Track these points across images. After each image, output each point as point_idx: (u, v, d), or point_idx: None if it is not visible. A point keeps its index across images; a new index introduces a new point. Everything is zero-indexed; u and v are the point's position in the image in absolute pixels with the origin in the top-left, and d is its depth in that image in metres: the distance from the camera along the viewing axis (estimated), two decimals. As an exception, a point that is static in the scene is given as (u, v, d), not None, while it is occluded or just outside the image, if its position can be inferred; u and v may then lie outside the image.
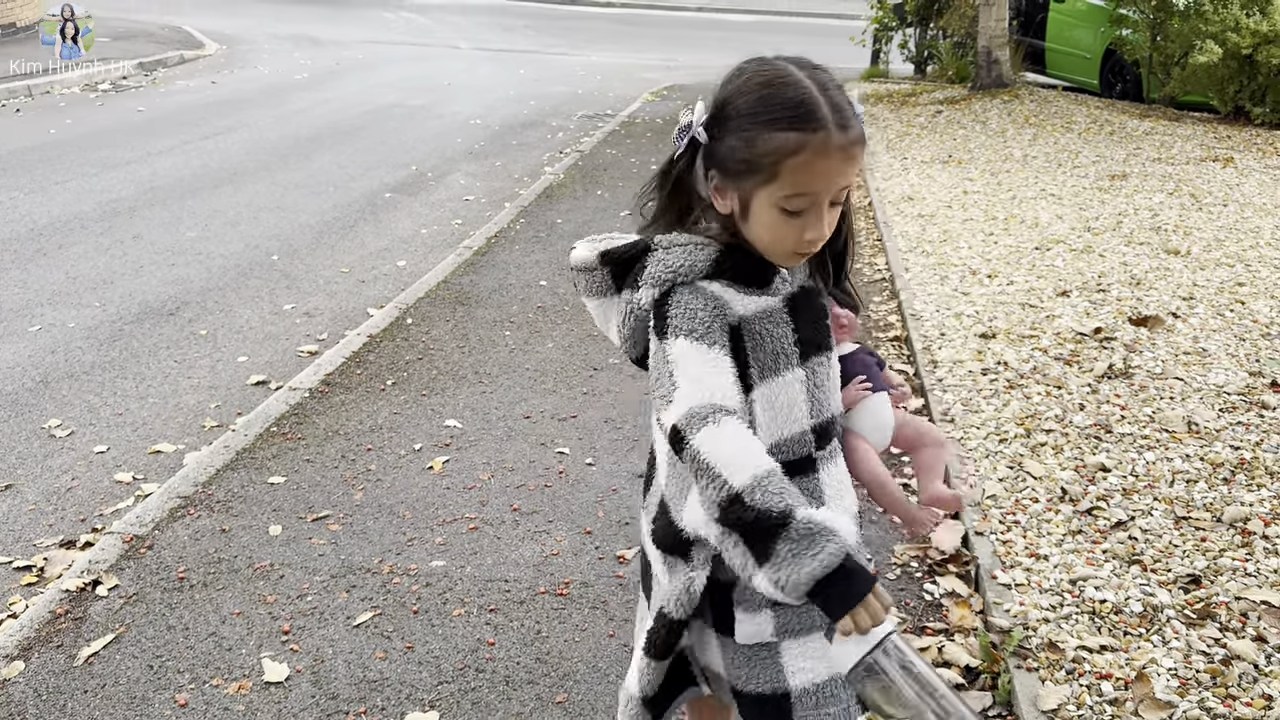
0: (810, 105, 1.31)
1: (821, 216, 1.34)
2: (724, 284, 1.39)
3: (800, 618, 1.44)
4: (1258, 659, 2.45)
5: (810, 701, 1.44)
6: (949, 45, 13.38)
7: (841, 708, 1.45)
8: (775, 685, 1.45)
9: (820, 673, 1.44)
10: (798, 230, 1.34)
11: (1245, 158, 7.78)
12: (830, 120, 1.30)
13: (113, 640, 2.62)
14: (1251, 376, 3.93)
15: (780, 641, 1.45)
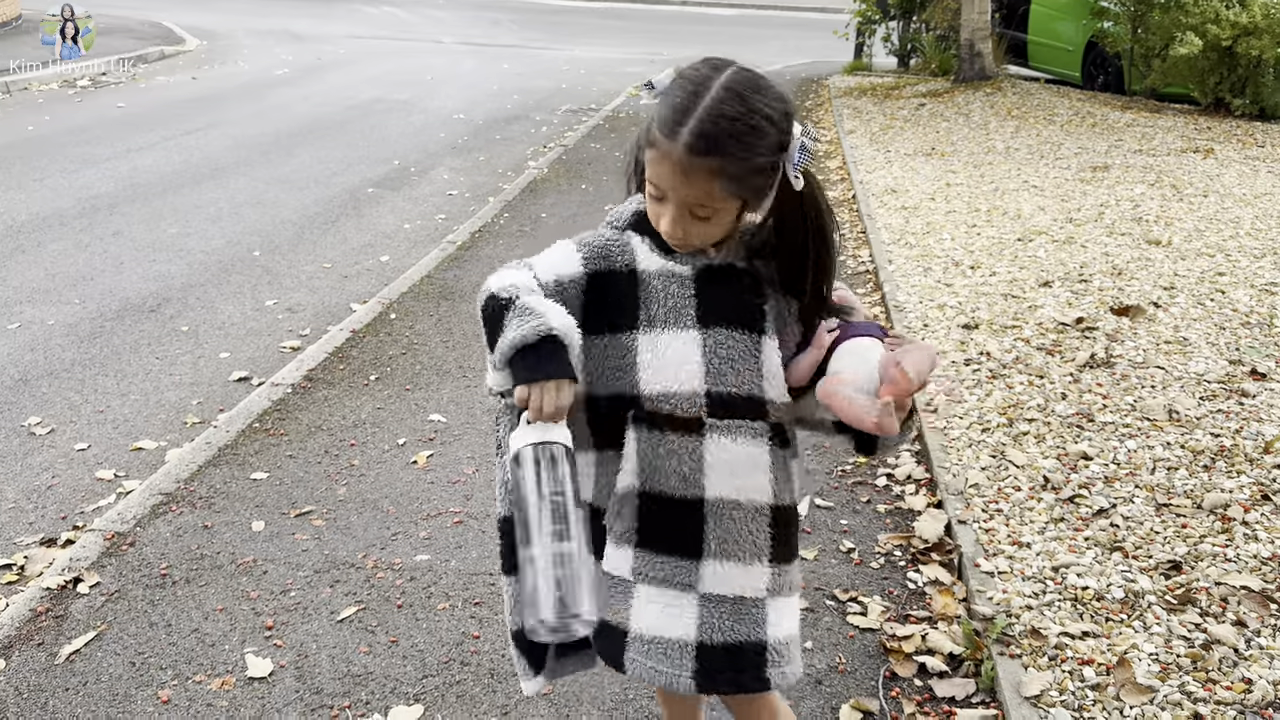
0: (677, 109, 1.37)
1: (673, 217, 1.41)
2: (643, 239, 1.52)
3: (658, 568, 1.51)
4: (1238, 643, 2.47)
5: (642, 649, 1.53)
6: (932, 38, 13.41)
7: (671, 672, 1.51)
8: (620, 619, 1.54)
9: (663, 629, 1.51)
10: (659, 212, 1.44)
11: (1225, 149, 7.83)
12: (680, 131, 1.36)
13: (94, 638, 2.60)
14: (1231, 365, 3.96)
15: (635, 583, 1.53)
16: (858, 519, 3.19)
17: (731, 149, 1.36)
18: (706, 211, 1.40)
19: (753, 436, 1.50)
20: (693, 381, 1.48)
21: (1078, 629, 2.54)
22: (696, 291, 1.49)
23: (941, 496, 3.22)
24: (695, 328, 1.48)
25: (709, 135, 1.35)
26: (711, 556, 1.50)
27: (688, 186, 1.38)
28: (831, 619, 2.71)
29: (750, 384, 1.50)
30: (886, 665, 2.53)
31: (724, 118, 1.36)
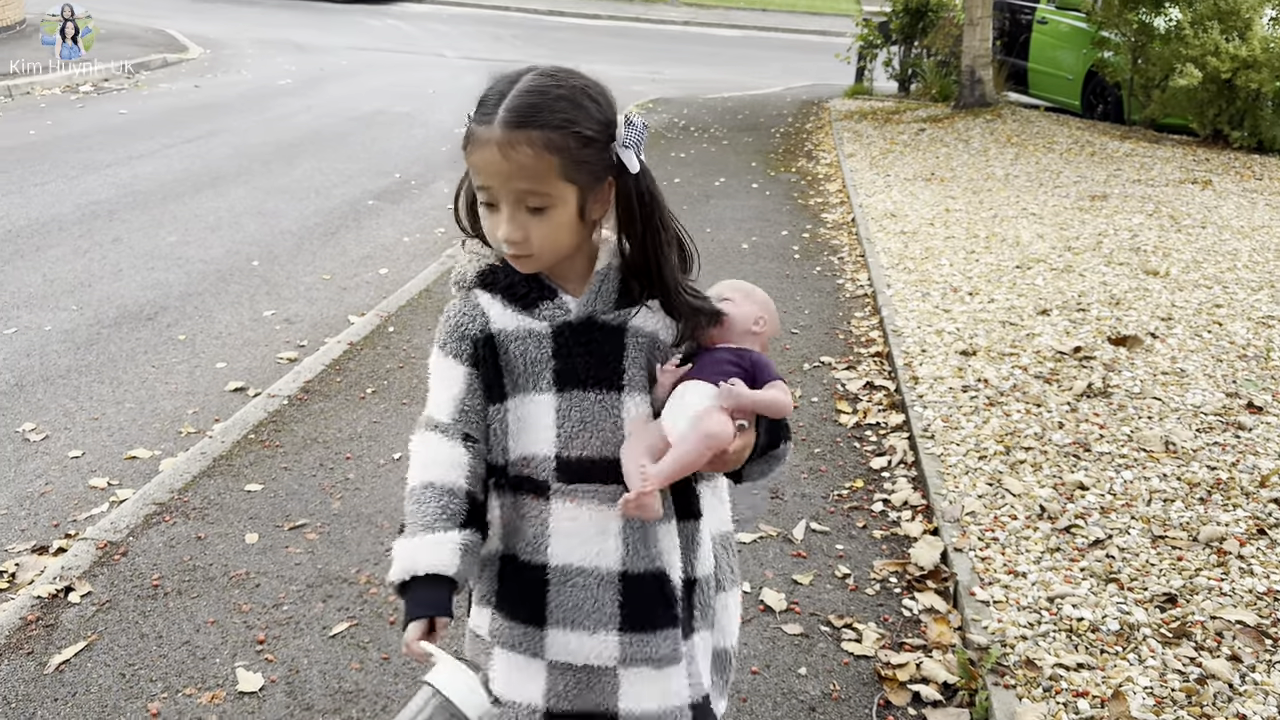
0: (492, 98, 1.35)
1: (509, 216, 1.36)
2: (495, 296, 1.44)
3: (508, 633, 1.49)
4: (1232, 678, 2.47)
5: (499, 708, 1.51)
6: (933, 64, 13.49)
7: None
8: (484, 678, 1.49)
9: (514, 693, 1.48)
10: (493, 225, 1.38)
11: (1224, 180, 7.87)
12: (494, 114, 1.33)
13: (84, 648, 2.58)
14: (1228, 397, 3.97)
15: (493, 645, 1.51)
16: (853, 544, 3.18)
17: (549, 118, 1.32)
18: (540, 200, 1.34)
19: (600, 501, 1.43)
20: (545, 446, 1.43)
21: (1073, 660, 2.54)
22: (554, 352, 1.42)
23: (938, 523, 3.22)
24: (550, 391, 1.43)
25: (523, 107, 1.32)
26: (553, 624, 1.46)
27: (513, 167, 1.32)
28: (826, 645, 2.70)
29: (607, 446, 1.43)
30: (880, 693, 2.52)
31: (536, 90, 1.34)
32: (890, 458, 3.72)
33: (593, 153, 1.35)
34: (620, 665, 1.46)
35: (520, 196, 1.34)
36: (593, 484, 1.43)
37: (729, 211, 7.32)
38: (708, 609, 1.53)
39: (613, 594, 1.44)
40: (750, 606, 2.84)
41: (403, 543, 1.39)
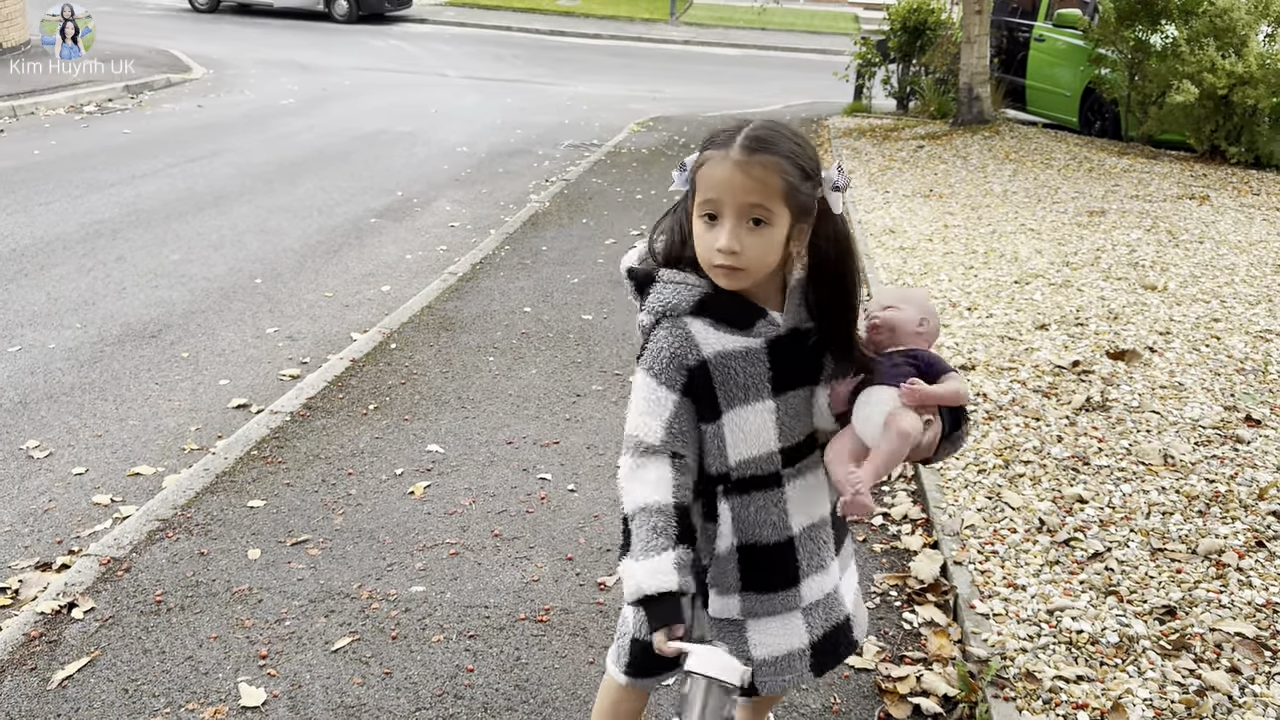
0: (734, 130, 1.56)
1: (730, 229, 1.52)
2: (706, 322, 1.60)
3: (764, 604, 1.72)
4: (1232, 690, 2.47)
5: (770, 669, 1.74)
6: (931, 81, 13.56)
7: (794, 677, 1.76)
8: (739, 652, 1.73)
9: (779, 647, 1.74)
10: (713, 238, 1.54)
11: (1221, 196, 7.90)
12: (733, 141, 1.54)
13: (87, 664, 2.59)
14: (1226, 411, 3.98)
15: (745, 620, 1.73)
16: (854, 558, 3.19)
17: (783, 148, 1.53)
18: (763, 214, 1.52)
19: (813, 468, 1.70)
20: (769, 444, 1.65)
21: (1072, 673, 2.55)
22: (771, 365, 1.62)
23: (938, 537, 3.23)
24: (770, 397, 1.63)
25: (761, 138, 1.53)
26: (805, 577, 1.73)
27: (749, 183, 1.50)
28: (826, 658, 2.70)
29: (808, 426, 1.68)
30: (881, 706, 2.52)
31: (769, 128, 1.55)
32: (890, 472, 3.73)
33: (809, 187, 1.55)
34: (840, 581, 1.80)
35: (746, 210, 1.52)
36: (807, 458, 1.69)
37: (729, 228, 7.35)
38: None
39: (828, 530, 1.75)
40: (751, 620, 2.85)
41: (629, 565, 1.59)
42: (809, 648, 1.75)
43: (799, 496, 1.70)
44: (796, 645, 1.75)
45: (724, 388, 1.61)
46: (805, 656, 1.75)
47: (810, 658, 1.76)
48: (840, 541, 1.81)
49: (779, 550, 1.70)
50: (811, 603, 1.75)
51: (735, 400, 1.61)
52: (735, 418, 1.62)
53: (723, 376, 1.60)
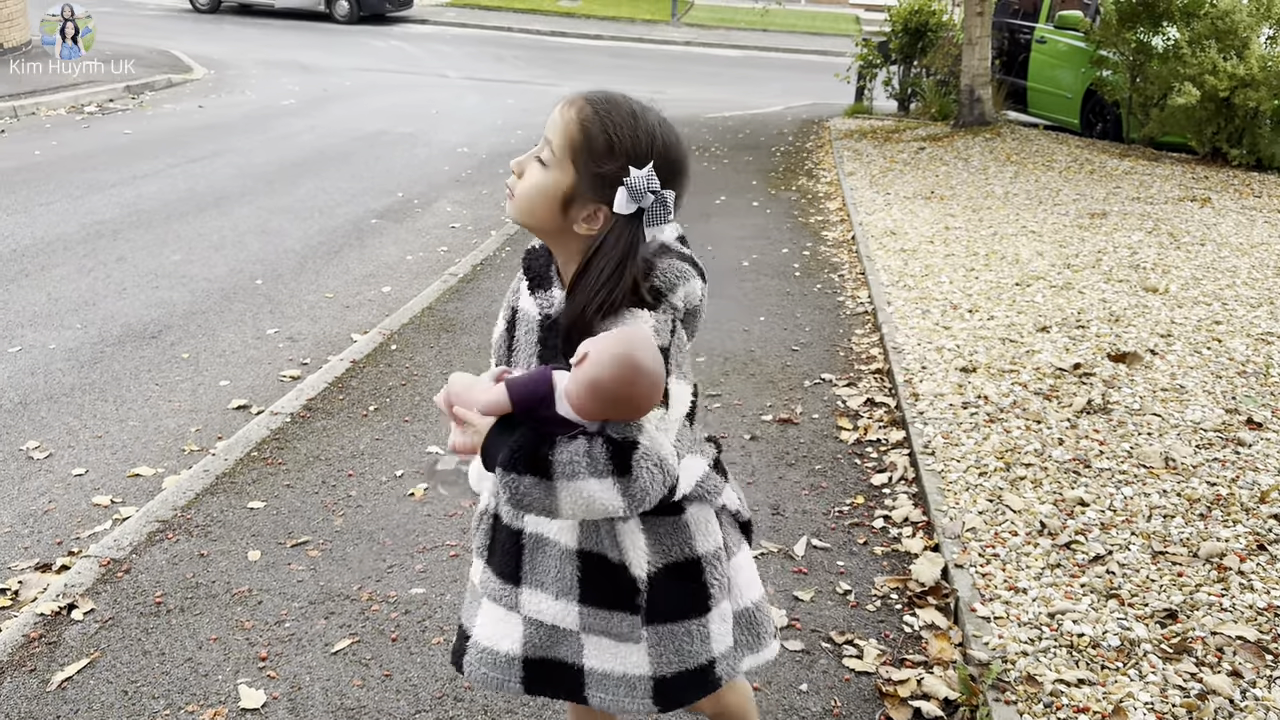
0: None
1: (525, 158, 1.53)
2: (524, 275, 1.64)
3: (492, 585, 1.66)
4: (1233, 694, 2.47)
5: (477, 655, 1.68)
6: (932, 83, 13.56)
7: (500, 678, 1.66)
8: (469, 623, 1.72)
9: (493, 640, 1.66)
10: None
11: (1222, 198, 7.90)
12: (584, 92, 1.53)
13: (87, 665, 2.59)
14: (1228, 414, 3.98)
15: (482, 595, 1.70)
16: (854, 561, 3.19)
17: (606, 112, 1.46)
18: (546, 153, 1.47)
19: None
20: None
21: (1073, 676, 2.54)
22: (540, 340, 1.56)
23: (938, 540, 3.22)
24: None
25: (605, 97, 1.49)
26: (525, 583, 1.62)
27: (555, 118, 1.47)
28: (827, 661, 2.70)
29: None
30: (882, 710, 2.52)
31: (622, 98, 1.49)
32: (891, 474, 3.73)
33: (604, 164, 1.45)
34: (582, 632, 1.61)
35: (542, 144, 1.49)
36: None
37: (730, 229, 7.36)
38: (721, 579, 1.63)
39: (573, 567, 1.57)
40: (751, 623, 2.85)
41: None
42: (521, 661, 1.64)
43: None
44: (507, 649, 1.65)
45: (517, 342, 1.61)
46: (515, 666, 1.65)
47: (522, 671, 1.65)
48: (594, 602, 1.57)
49: (511, 536, 1.62)
50: (534, 617, 1.62)
51: (519, 360, 1.60)
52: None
53: (514, 333, 1.62)
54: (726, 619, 1.65)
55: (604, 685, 1.61)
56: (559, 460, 1.40)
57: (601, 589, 1.56)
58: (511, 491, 1.42)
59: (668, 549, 1.58)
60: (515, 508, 1.46)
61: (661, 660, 1.59)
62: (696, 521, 1.60)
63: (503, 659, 1.65)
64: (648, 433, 1.40)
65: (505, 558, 1.63)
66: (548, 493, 1.40)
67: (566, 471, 1.39)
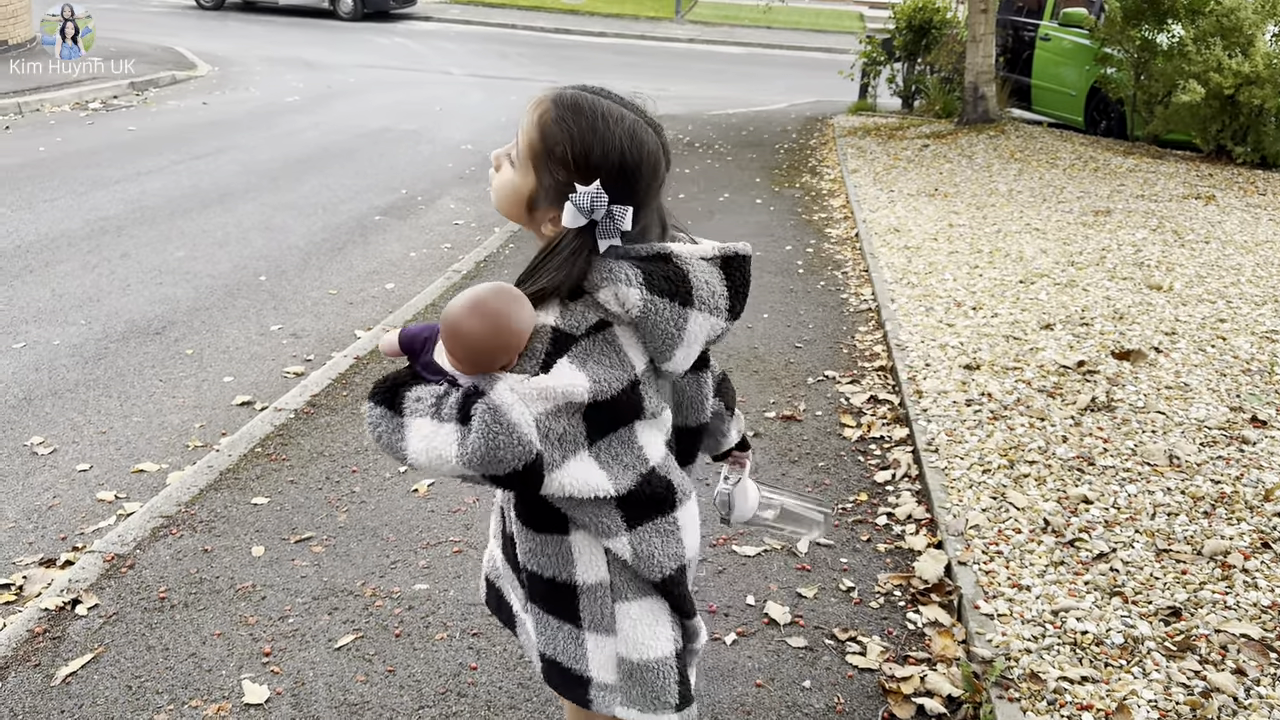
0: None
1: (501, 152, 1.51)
2: None
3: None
4: (1237, 692, 2.46)
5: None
6: (936, 80, 13.54)
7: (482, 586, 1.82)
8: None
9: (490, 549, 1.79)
10: None
11: (1227, 196, 7.88)
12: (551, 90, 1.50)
13: (91, 660, 2.59)
14: (1232, 411, 3.97)
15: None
16: (858, 558, 3.19)
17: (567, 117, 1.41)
18: (511, 153, 1.47)
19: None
20: None
21: (1077, 674, 2.54)
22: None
23: (942, 537, 3.22)
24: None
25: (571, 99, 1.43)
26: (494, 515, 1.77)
27: (522, 118, 1.46)
28: (830, 658, 2.70)
29: None
30: (885, 707, 2.52)
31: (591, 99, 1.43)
32: (894, 471, 3.73)
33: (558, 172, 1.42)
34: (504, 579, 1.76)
35: (514, 142, 1.48)
36: None
37: (733, 227, 7.35)
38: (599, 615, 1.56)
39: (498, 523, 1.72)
40: (755, 620, 2.85)
41: None
42: (484, 576, 1.82)
43: None
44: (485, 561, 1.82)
45: None
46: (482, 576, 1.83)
47: (485, 584, 1.82)
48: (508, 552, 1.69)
49: None
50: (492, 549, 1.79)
51: None
52: None
53: None
54: (605, 652, 1.57)
55: (522, 631, 1.72)
56: (409, 396, 1.45)
57: (509, 553, 1.68)
58: (369, 422, 1.47)
59: (544, 564, 1.56)
60: (373, 440, 1.48)
61: (542, 639, 1.62)
62: (579, 548, 1.53)
63: (484, 565, 1.82)
64: (499, 389, 1.38)
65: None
66: (395, 428, 1.44)
67: (413, 408, 1.44)
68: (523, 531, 1.57)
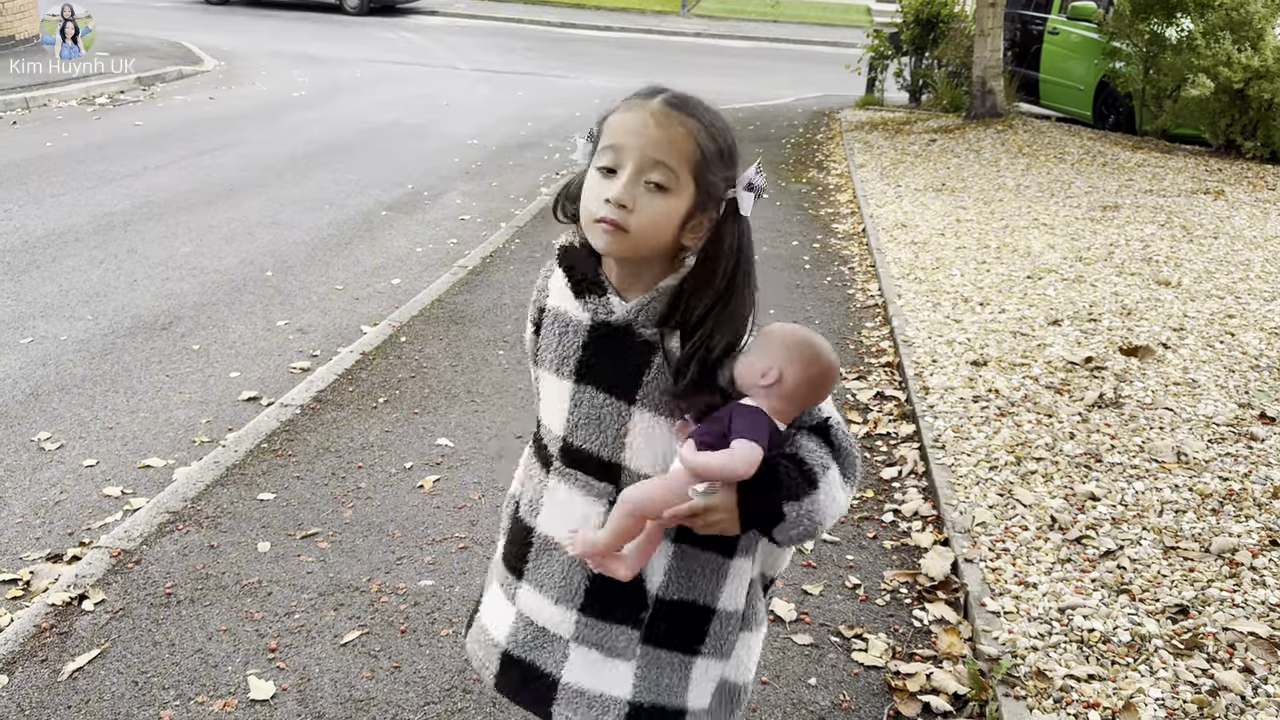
0: (652, 87, 1.42)
1: (625, 181, 1.34)
2: (562, 273, 1.51)
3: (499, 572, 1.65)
4: (1244, 690, 2.45)
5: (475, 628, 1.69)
6: (944, 75, 13.49)
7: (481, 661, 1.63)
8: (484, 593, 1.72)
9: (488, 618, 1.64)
10: (603, 189, 1.36)
11: (1236, 191, 7.85)
12: (657, 95, 1.39)
13: (98, 655, 2.60)
14: (1240, 408, 3.95)
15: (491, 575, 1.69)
16: (864, 555, 3.18)
17: (703, 117, 1.37)
18: (665, 178, 1.33)
19: (588, 493, 1.48)
20: (557, 426, 1.51)
21: (1083, 671, 2.53)
22: (583, 346, 1.46)
23: (948, 534, 3.21)
24: (570, 379, 1.48)
25: (685, 99, 1.39)
26: (527, 580, 1.56)
27: (659, 135, 1.34)
28: (836, 655, 2.70)
29: (605, 448, 1.46)
30: (890, 704, 2.51)
31: (692, 96, 1.40)
32: (901, 468, 3.72)
33: (722, 171, 1.38)
34: (572, 640, 1.52)
35: (649, 166, 1.34)
36: (586, 475, 1.48)
37: (740, 222, 7.33)
38: (723, 640, 1.52)
39: (578, 572, 1.50)
40: (760, 616, 2.85)
41: None
42: (500, 653, 1.58)
43: (560, 502, 1.51)
44: (494, 636, 1.60)
45: (545, 342, 1.52)
46: (494, 656, 1.59)
47: (498, 664, 1.58)
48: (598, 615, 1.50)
49: (521, 529, 1.58)
50: (523, 613, 1.55)
51: (547, 361, 1.52)
52: (546, 378, 1.53)
53: (547, 333, 1.52)
54: (710, 675, 1.52)
55: (575, 704, 1.51)
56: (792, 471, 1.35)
57: (606, 600, 1.49)
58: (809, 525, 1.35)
59: (690, 588, 1.47)
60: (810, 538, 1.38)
61: (643, 686, 1.49)
62: (735, 572, 1.49)
63: (489, 643, 1.61)
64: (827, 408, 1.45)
65: (513, 548, 1.59)
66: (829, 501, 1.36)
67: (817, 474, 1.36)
68: (678, 553, 1.46)
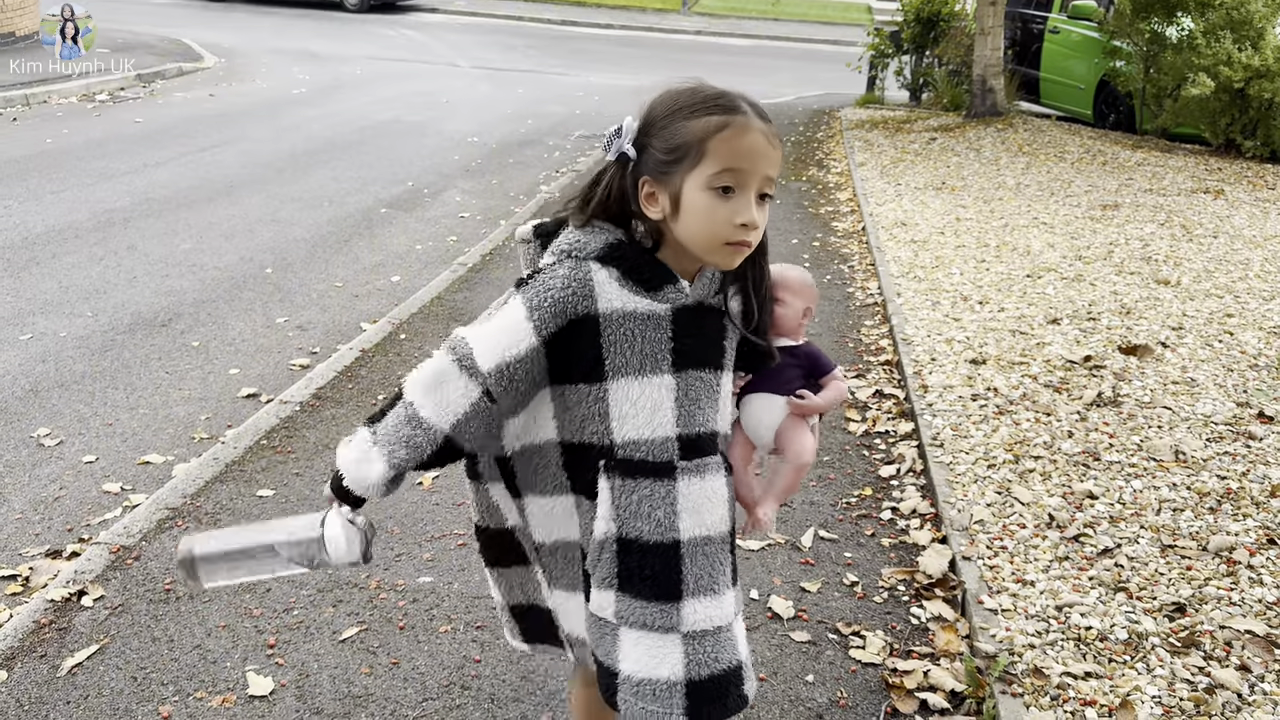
0: (730, 96, 1.43)
1: (751, 203, 1.39)
2: (612, 274, 1.44)
3: (638, 612, 1.51)
4: (1241, 688, 2.46)
5: (632, 690, 1.51)
6: (944, 73, 13.49)
7: (661, 710, 1.49)
8: (610, 660, 1.54)
9: (651, 670, 1.50)
10: (730, 211, 1.39)
11: (1236, 190, 7.85)
12: (750, 109, 1.41)
13: (97, 651, 2.61)
14: (1239, 407, 3.96)
15: (619, 625, 1.52)
16: (862, 552, 3.18)
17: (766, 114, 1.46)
18: (771, 188, 1.43)
19: (714, 471, 1.53)
20: (666, 428, 1.47)
21: (1080, 669, 2.54)
22: (674, 334, 1.46)
23: (946, 532, 3.22)
24: (670, 372, 1.46)
25: (766, 112, 1.43)
26: (690, 595, 1.50)
27: (771, 152, 1.41)
28: (834, 653, 2.70)
29: (711, 420, 1.52)
30: (888, 701, 2.52)
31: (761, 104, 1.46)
32: (899, 466, 3.72)
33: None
34: (734, 616, 1.55)
35: (763, 184, 1.42)
36: (708, 457, 1.51)
37: (739, 220, 7.33)
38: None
39: (726, 554, 1.55)
40: (758, 613, 2.85)
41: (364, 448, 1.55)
42: (684, 684, 1.48)
43: (694, 500, 1.49)
44: (667, 675, 1.48)
45: (615, 350, 1.44)
46: (678, 692, 1.48)
47: (685, 696, 1.48)
48: (736, 579, 1.58)
49: (661, 554, 1.48)
50: (696, 631, 1.49)
51: (627, 369, 1.44)
52: (624, 389, 1.45)
53: (616, 338, 1.43)
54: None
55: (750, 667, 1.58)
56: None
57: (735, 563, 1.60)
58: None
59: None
60: None
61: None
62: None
63: (663, 686, 1.49)
64: None
65: (655, 578, 1.49)
66: None
67: None
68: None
